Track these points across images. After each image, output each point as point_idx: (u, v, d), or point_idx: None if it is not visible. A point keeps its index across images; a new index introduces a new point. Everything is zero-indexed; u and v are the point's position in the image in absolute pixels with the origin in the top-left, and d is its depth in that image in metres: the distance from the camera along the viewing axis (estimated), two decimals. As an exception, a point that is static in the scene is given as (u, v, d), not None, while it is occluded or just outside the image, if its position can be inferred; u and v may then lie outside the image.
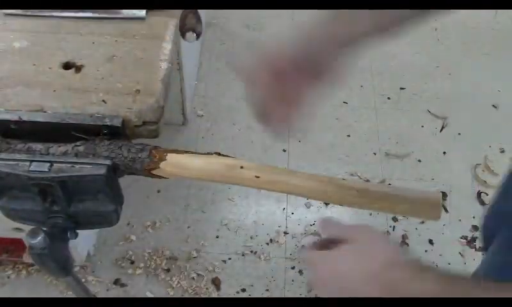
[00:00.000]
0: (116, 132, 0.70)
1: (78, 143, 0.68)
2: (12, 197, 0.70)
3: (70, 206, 0.69)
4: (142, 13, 0.86)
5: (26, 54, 0.80)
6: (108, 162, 0.66)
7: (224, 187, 1.57)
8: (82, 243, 1.32)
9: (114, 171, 0.68)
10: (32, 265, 1.34)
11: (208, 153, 0.68)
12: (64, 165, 0.66)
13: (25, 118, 0.70)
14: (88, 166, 0.66)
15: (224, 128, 1.71)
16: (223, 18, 2.07)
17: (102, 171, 0.65)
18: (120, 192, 0.72)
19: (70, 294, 1.31)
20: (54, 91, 0.75)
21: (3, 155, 0.67)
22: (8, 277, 1.34)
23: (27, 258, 1.27)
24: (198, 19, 0.85)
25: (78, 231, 0.73)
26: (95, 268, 1.38)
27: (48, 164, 0.66)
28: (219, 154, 0.68)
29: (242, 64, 0.58)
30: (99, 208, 0.70)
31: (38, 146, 0.68)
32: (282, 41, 0.57)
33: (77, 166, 0.66)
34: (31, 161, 0.66)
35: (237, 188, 1.56)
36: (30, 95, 0.74)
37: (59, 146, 0.68)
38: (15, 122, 0.70)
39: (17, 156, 0.67)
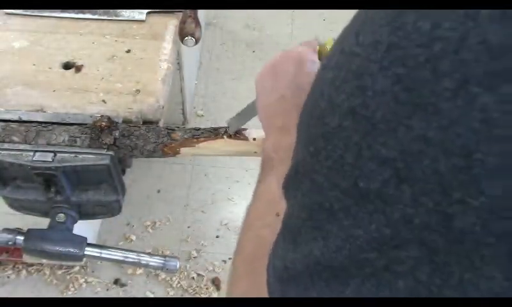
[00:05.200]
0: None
1: (82, 133, 0.68)
2: (16, 188, 0.70)
3: (73, 196, 0.69)
4: (142, 16, 0.86)
5: (26, 54, 0.80)
6: (111, 152, 0.66)
7: (224, 187, 1.57)
8: (82, 243, 1.32)
9: (119, 161, 0.68)
10: (32, 265, 1.34)
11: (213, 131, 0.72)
12: (67, 155, 0.66)
13: (25, 118, 0.70)
14: (92, 156, 0.66)
15: (224, 128, 1.71)
16: (223, 18, 2.07)
17: (106, 161, 0.66)
18: (123, 183, 0.72)
19: (70, 294, 1.31)
20: (54, 91, 0.75)
21: (6, 145, 0.67)
22: (8, 277, 1.34)
23: (27, 258, 1.27)
24: (197, 24, 0.85)
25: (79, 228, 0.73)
26: (95, 268, 1.38)
27: (52, 154, 0.66)
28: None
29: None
30: (102, 198, 0.70)
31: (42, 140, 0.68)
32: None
33: (81, 156, 0.66)
34: (35, 151, 0.66)
35: (237, 188, 1.56)
36: (30, 95, 0.74)
37: (63, 136, 0.68)
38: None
39: (21, 146, 0.67)
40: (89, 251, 0.71)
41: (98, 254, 0.71)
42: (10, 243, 0.68)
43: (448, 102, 0.21)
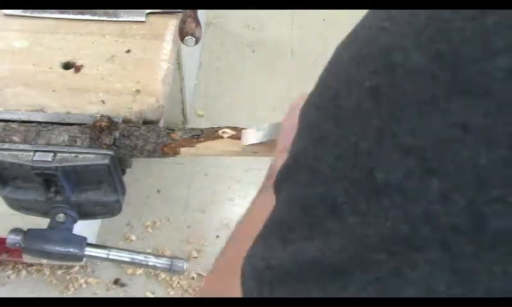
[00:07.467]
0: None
1: (82, 133, 0.68)
2: (16, 187, 0.70)
3: (73, 196, 0.69)
4: (141, 16, 0.86)
5: (26, 54, 0.80)
6: (111, 152, 0.66)
7: (224, 187, 1.57)
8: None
9: (119, 161, 0.68)
10: (32, 265, 1.34)
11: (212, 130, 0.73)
12: (67, 154, 0.66)
13: (25, 118, 0.70)
14: (92, 156, 0.66)
15: (224, 128, 1.71)
16: (223, 18, 2.07)
17: (106, 161, 0.66)
18: (123, 183, 0.72)
19: (69, 294, 1.31)
20: (54, 91, 0.75)
21: (7, 145, 0.67)
22: (8, 277, 1.34)
23: (27, 258, 1.27)
24: (198, 24, 0.85)
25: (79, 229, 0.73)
26: (95, 268, 1.38)
27: (52, 154, 0.66)
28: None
29: None
30: (102, 198, 0.70)
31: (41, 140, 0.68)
32: None
33: (81, 156, 0.66)
34: (35, 151, 0.66)
35: (238, 188, 1.56)
36: (30, 95, 0.74)
37: (63, 136, 0.68)
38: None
39: (21, 146, 0.67)
40: (95, 252, 0.71)
41: (105, 256, 0.71)
42: (17, 245, 0.68)
43: (500, 83, 0.18)
